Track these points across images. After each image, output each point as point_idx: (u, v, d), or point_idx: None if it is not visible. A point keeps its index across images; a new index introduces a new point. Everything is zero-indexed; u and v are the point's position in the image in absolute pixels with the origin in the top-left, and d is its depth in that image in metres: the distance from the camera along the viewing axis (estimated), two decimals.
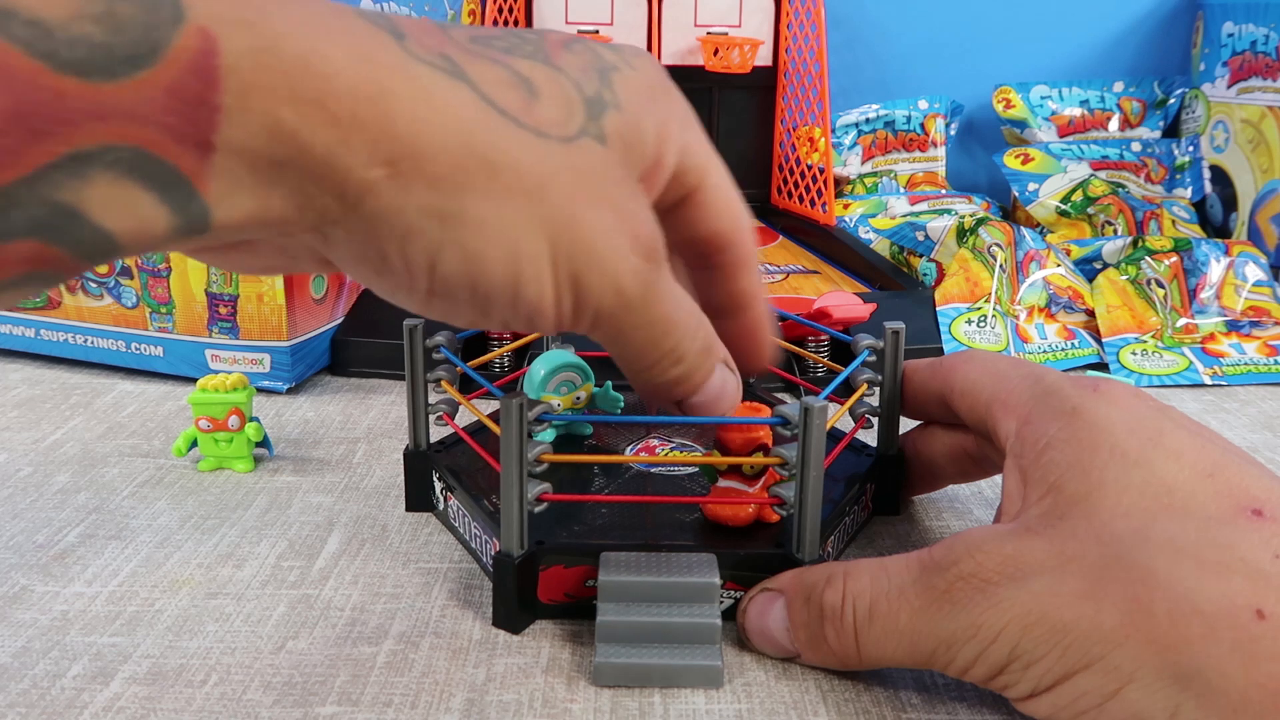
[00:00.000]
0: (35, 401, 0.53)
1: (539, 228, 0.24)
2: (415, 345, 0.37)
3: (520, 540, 0.32)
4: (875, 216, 0.79)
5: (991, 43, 0.94)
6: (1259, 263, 0.63)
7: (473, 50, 0.24)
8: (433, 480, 0.39)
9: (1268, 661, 0.23)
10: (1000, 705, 0.29)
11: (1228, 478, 0.26)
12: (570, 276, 0.25)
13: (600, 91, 0.26)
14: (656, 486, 0.38)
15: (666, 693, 0.30)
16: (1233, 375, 0.57)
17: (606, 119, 0.26)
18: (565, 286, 0.25)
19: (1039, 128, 0.89)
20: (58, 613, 0.34)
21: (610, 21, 0.82)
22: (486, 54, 0.24)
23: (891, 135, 0.91)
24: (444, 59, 0.23)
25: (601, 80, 0.26)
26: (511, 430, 0.30)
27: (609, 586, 0.30)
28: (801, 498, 0.31)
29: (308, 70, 0.20)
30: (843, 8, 0.93)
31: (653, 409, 0.31)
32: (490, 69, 0.24)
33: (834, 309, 0.50)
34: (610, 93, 0.26)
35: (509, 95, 0.24)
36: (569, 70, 0.26)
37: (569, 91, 0.25)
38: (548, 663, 0.31)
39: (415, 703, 0.29)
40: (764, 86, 0.84)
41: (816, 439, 0.30)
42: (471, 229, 0.23)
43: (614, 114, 0.26)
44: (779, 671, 0.31)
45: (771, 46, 0.83)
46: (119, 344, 0.56)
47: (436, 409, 0.39)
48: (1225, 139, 0.82)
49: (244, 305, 0.53)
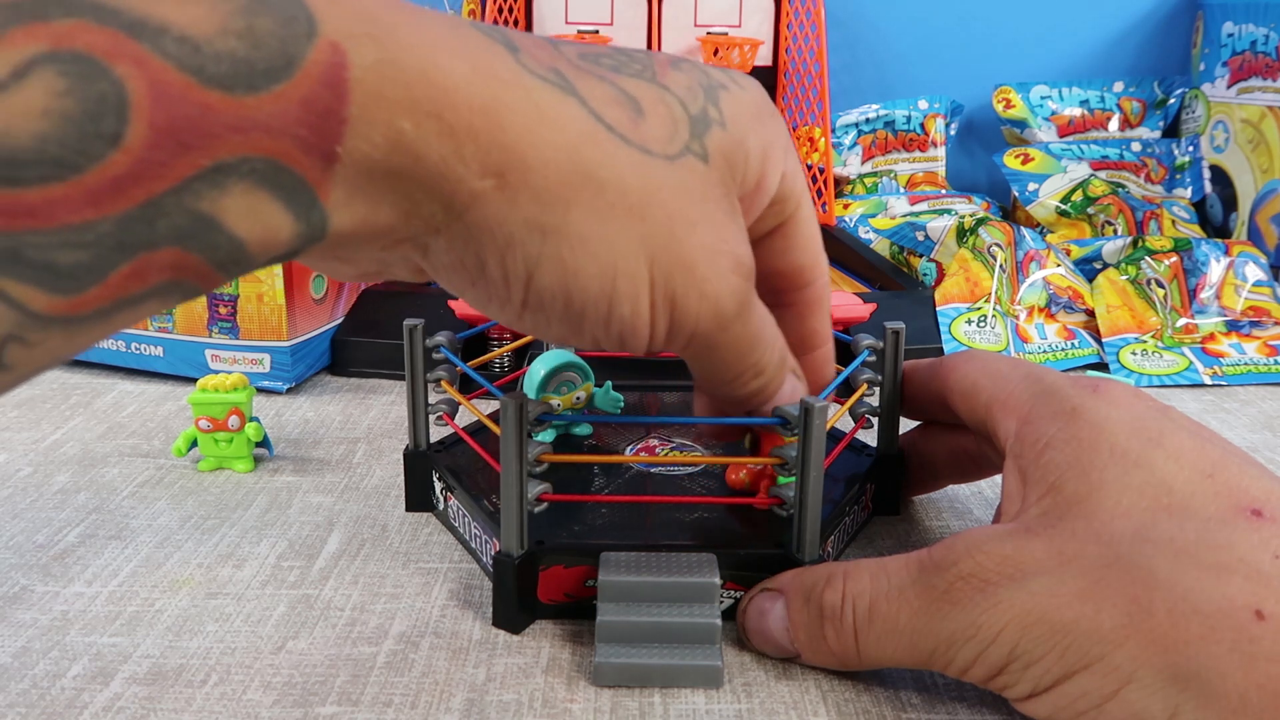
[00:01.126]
0: (35, 401, 0.53)
1: (639, 247, 0.24)
2: (415, 345, 0.37)
3: (520, 540, 0.32)
4: (875, 216, 0.79)
5: (991, 43, 0.94)
6: (1259, 263, 0.63)
7: (582, 67, 0.25)
8: (433, 480, 0.39)
9: (1267, 662, 0.23)
10: (1000, 706, 0.29)
11: (1227, 478, 0.26)
12: (667, 297, 0.25)
13: (705, 108, 0.26)
14: (656, 486, 0.38)
15: (666, 693, 0.30)
16: (1233, 375, 0.57)
17: (710, 136, 0.26)
18: (661, 307, 0.25)
19: (1039, 128, 0.89)
20: (58, 613, 0.34)
21: (610, 21, 0.82)
22: (595, 71, 0.25)
23: (891, 135, 0.91)
24: (555, 74, 0.24)
25: (708, 97, 0.27)
26: (511, 430, 0.30)
27: (609, 586, 0.30)
28: (802, 497, 0.31)
29: (428, 83, 0.21)
30: (843, 8, 0.93)
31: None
32: (598, 86, 0.24)
33: (834, 309, 0.50)
34: (716, 110, 0.26)
35: (616, 112, 0.24)
36: (675, 88, 0.26)
37: (674, 109, 0.26)
38: (548, 663, 0.31)
39: (415, 703, 0.29)
40: (764, 86, 0.84)
41: (817, 439, 0.30)
42: (572, 243, 0.24)
43: (718, 131, 0.26)
44: (779, 671, 0.31)
45: (771, 46, 0.83)
46: (119, 344, 0.56)
47: (436, 409, 0.39)
48: (1225, 139, 0.82)
49: (244, 305, 0.53)
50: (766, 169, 0.28)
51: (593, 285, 0.24)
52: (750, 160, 0.27)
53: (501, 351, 0.44)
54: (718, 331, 0.27)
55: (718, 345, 0.27)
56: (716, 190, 0.26)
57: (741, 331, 0.27)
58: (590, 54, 0.26)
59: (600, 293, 0.24)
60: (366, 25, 0.21)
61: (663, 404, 0.46)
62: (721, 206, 0.26)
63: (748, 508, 0.35)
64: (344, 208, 0.21)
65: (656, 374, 0.48)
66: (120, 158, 0.18)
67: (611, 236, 0.24)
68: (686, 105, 0.26)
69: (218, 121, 0.19)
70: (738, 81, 0.28)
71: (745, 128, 0.27)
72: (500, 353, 0.44)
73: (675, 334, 0.26)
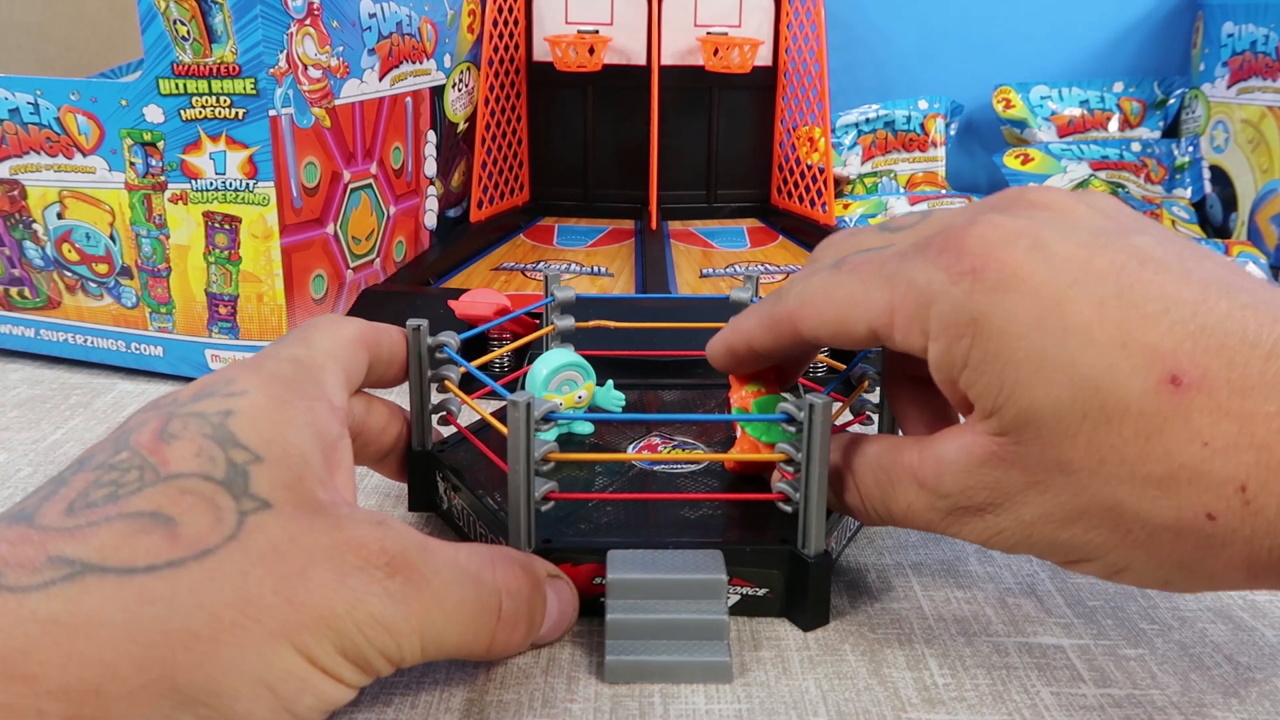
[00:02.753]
0: (35, 401, 0.53)
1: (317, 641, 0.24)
2: (418, 345, 0.37)
3: (528, 539, 0.32)
4: (875, 216, 0.79)
5: (991, 43, 0.94)
6: (1259, 263, 0.63)
7: (81, 523, 0.23)
8: (436, 480, 0.39)
9: (1226, 549, 0.25)
10: (1001, 706, 0.29)
11: (1141, 342, 0.25)
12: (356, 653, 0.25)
13: (229, 458, 0.25)
14: (659, 484, 0.38)
15: (666, 692, 0.30)
16: None
17: (255, 479, 0.25)
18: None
19: (1039, 128, 0.89)
20: None
21: (610, 21, 0.82)
22: (96, 516, 0.23)
23: (891, 135, 0.91)
24: (52, 563, 0.22)
25: (221, 443, 0.26)
26: (519, 430, 0.30)
27: (617, 584, 0.30)
28: (806, 494, 0.31)
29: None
30: (843, 8, 0.93)
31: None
32: (106, 531, 0.23)
33: None
34: (240, 449, 0.26)
35: (147, 542, 0.23)
36: (184, 466, 0.25)
37: (202, 489, 0.24)
38: (548, 663, 0.31)
39: (415, 703, 0.29)
40: (764, 86, 0.84)
41: (821, 435, 0.30)
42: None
43: (257, 468, 0.25)
44: (779, 671, 0.31)
45: (771, 46, 0.83)
46: (119, 344, 0.56)
47: (440, 409, 0.39)
48: (1225, 139, 0.82)
49: (244, 305, 0.53)
50: (340, 399, 0.30)
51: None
52: (308, 453, 0.27)
53: (502, 351, 0.44)
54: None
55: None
56: (300, 527, 0.25)
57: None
58: (81, 498, 0.24)
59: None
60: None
61: (664, 402, 0.46)
62: (315, 525, 0.25)
63: (751, 504, 0.35)
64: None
65: (657, 373, 0.48)
66: None
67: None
68: (210, 474, 0.25)
69: None
70: (230, 387, 0.27)
71: (279, 428, 0.26)
72: (501, 353, 0.44)
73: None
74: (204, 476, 0.24)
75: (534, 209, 0.86)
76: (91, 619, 0.21)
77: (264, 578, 0.23)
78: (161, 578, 0.22)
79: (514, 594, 0.29)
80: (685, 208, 0.86)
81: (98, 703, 0.21)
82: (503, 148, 0.82)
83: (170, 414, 0.27)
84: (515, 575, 0.29)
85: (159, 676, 0.22)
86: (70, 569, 0.22)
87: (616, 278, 0.67)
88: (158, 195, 0.52)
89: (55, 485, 0.25)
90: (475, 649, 0.28)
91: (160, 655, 0.22)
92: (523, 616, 0.29)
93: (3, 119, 0.54)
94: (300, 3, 0.52)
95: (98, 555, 0.22)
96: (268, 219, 0.52)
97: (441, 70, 0.72)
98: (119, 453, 0.25)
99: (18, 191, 0.55)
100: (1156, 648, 0.32)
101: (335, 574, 0.24)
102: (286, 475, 0.26)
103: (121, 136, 0.52)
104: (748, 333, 0.34)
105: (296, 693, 0.23)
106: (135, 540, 0.23)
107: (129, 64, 0.71)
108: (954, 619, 0.33)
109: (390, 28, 0.63)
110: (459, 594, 0.27)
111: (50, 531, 0.23)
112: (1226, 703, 0.29)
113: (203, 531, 0.23)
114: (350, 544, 0.25)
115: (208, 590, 0.23)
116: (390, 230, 0.66)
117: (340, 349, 0.33)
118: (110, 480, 0.24)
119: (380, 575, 0.25)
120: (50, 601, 0.21)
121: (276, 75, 0.51)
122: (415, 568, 0.25)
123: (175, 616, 0.22)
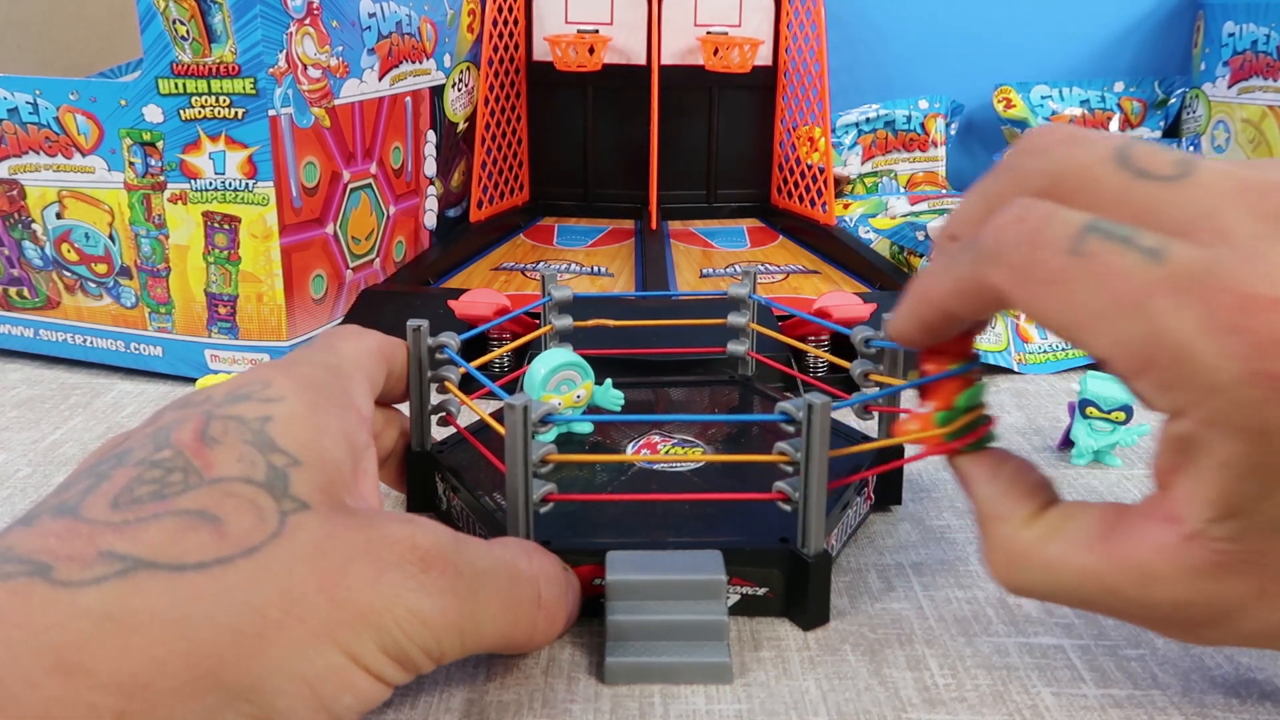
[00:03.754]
0: (35, 401, 0.53)
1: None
2: (420, 346, 0.37)
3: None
4: (875, 216, 0.79)
5: (991, 43, 0.94)
6: None
7: (129, 519, 0.23)
8: (435, 481, 0.39)
9: None
10: (1002, 706, 0.29)
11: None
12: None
13: (270, 462, 0.26)
14: (659, 484, 0.38)
15: (667, 693, 0.30)
16: None
17: (294, 482, 0.25)
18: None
19: None
20: None
21: (610, 21, 0.82)
22: (144, 512, 0.24)
23: (891, 135, 0.91)
24: (105, 558, 0.22)
25: (261, 449, 0.26)
26: (516, 432, 0.30)
27: (617, 586, 0.30)
28: (806, 492, 0.31)
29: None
30: (843, 8, 0.93)
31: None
32: (155, 528, 0.23)
33: (834, 309, 0.50)
34: (280, 454, 0.26)
35: (194, 539, 0.23)
36: (228, 471, 0.25)
37: (244, 491, 0.25)
38: (548, 663, 0.31)
39: (415, 703, 0.29)
40: (764, 86, 0.84)
41: (820, 434, 0.30)
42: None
43: (299, 476, 0.26)
44: (779, 671, 0.31)
45: (771, 46, 0.83)
46: (118, 344, 0.56)
47: (439, 409, 0.39)
48: (1226, 139, 0.82)
49: (243, 305, 0.53)
50: (369, 407, 0.31)
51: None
52: (350, 445, 0.28)
53: (502, 351, 0.44)
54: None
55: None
56: (336, 525, 0.25)
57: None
58: (126, 494, 0.24)
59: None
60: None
61: (663, 400, 0.46)
62: (350, 524, 0.25)
63: (751, 503, 0.35)
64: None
65: (657, 371, 0.48)
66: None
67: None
68: (251, 477, 0.25)
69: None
70: (267, 391, 0.28)
71: (315, 435, 0.27)
72: (500, 353, 0.44)
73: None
74: (246, 480, 0.25)
75: (534, 209, 0.86)
76: (144, 614, 0.22)
77: (307, 576, 0.24)
78: (211, 575, 0.23)
79: (552, 579, 0.29)
80: (685, 207, 0.86)
81: (146, 697, 0.21)
82: (502, 147, 0.82)
83: (209, 415, 0.27)
84: (551, 562, 0.30)
85: (206, 672, 0.22)
86: (123, 564, 0.22)
87: (616, 278, 0.67)
88: (157, 195, 0.52)
89: (93, 479, 0.25)
90: (517, 638, 0.28)
91: (208, 651, 0.22)
92: (563, 602, 0.30)
93: (2, 119, 0.54)
94: (300, 2, 0.52)
95: (149, 551, 0.22)
96: (267, 219, 0.51)
97: (441, 70, 0.72)
98: (160, 450, 0.25)
99: (17, 191, 0.55)
100: (1157, 648, 0.32)
101: (372, 570, 0.24)
102: (321, 479, 0.26)
103: (121, 136, 0.52)
104: (942, 302, 0.28)
105: (337, 691, 0.23)
106: (185, 537, 0.23)
107: (128, 64, 0.71)
108: (954, 619, 0.33)
109: (390, 27, 0.63)
110: (494, 584, 0.27)
111: (99, 525, 0.23)
112: (1227, 703, 0.29)
113: (248, 530, 0.24)
114: (384, 541, 0.25)
115: (255, 587, 0.23)
116: (390, 230, 0.66)
117: (364, 359, 0.33)
118: (154, 478, 0.24)
119: (415, 570, 0.25)
120: (103, 597, 0.22)
121: (276, 75, 0.51)
122: (448, 561, 0.26)
123: (224, 613, 0.22)
